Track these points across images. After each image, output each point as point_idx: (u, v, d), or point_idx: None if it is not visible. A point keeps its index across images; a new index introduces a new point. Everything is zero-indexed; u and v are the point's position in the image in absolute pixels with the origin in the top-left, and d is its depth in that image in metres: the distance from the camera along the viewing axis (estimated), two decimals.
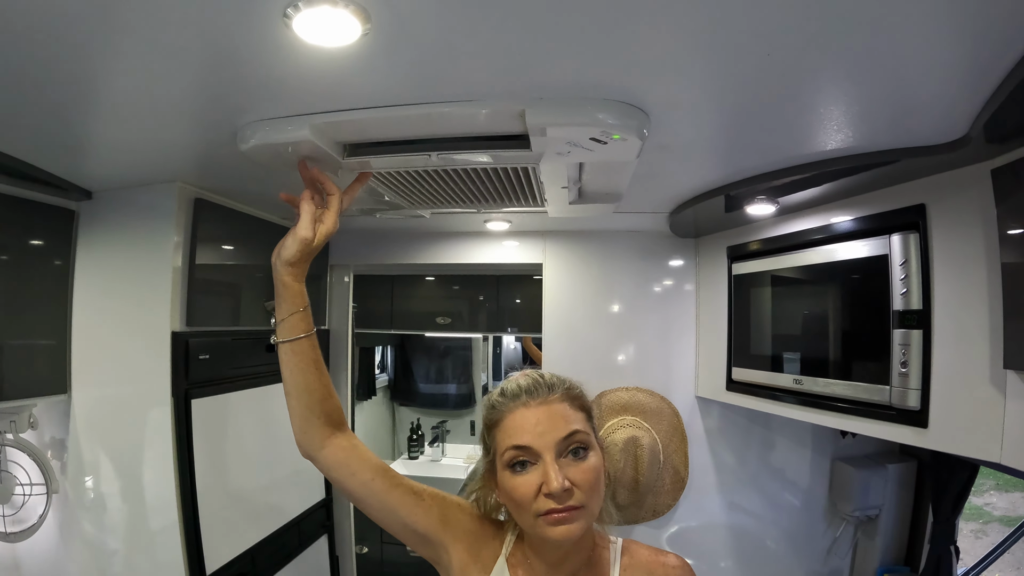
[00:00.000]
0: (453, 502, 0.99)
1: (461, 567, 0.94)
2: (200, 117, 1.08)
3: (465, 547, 0.95)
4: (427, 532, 0.94)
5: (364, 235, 2.37)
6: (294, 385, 0.97)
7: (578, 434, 0.85)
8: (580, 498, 0.82)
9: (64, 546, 1.66)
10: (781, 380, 1.64)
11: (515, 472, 0.85)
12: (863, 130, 1.09)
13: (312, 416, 0.96)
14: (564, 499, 0.81)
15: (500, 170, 1.22)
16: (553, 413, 0.85)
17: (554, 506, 0.81)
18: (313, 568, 2.20)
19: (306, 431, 0.97)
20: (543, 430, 0.84)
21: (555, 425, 0.84)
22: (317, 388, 0.97)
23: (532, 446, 0.83)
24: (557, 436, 0.83)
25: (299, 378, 0.96)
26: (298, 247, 0.96)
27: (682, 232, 2.13)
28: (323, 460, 0.97)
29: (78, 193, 1.56)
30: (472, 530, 0.97)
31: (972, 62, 0.80)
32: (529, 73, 0.88)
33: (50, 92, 0.96)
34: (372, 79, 0.90)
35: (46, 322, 1.56)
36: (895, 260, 1.29)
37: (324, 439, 0.96)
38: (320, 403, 0.97)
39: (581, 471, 0.83)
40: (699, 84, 0.92)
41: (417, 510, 0.94)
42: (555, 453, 0.83)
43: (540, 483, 0.82)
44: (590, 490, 0.83)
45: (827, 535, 2.18)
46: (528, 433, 0.84)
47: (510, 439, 0.85)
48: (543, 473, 0.82)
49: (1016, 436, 1.05)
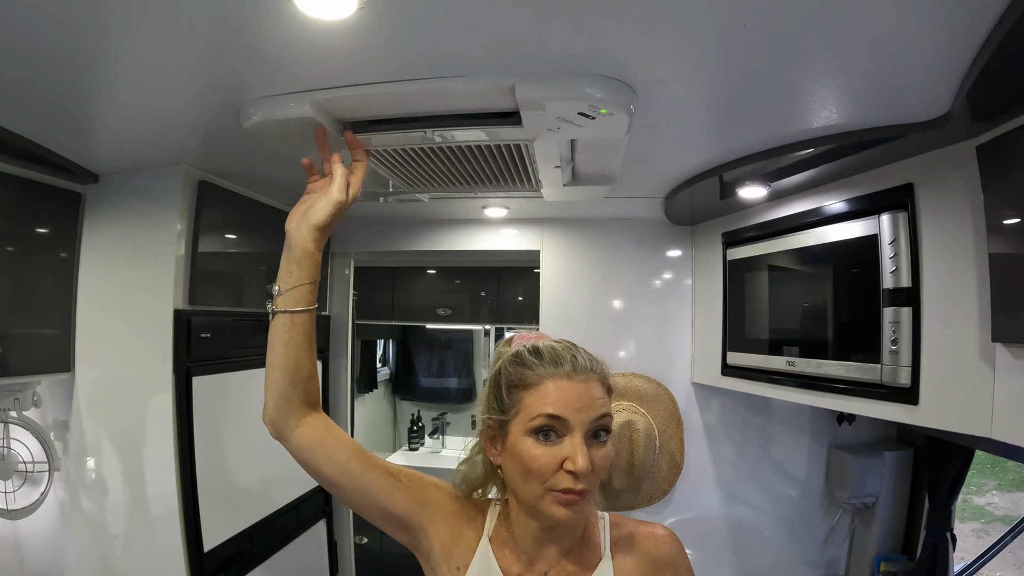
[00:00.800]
0: (430, 482, 0.97)
1: (442, 549, 0.93)
2: (204, 92, 1.11)
3: (446, 528, 0.94)
4: (405, 515, 0.92)
5: (365, 222, 2.41)
6: (283, 358, 0.92)
7: (606, 418, 0.84)
8: (592, 481, 0.82)
9: (64, 524, 1.69)
10: (775, 363, 1.66)
11: (539, 440, 0.83)
12: (847, 106, 1.11)
13: (294, 394, 0.92)
14: (583, 480, 0.80)
15: (495, 149, 1.25)
16: (592, 392, 0.84)
17: (571, 485, 0.80)
18: (311, 552, 2.23)
19: (283, 408, 0.92)
20: (581, 406, 0.82)
21: (592, 404, 0.83)
22: (305, 365, 0.94)
23: (569, 420, 0.82)
24: (592, 415, 0.83)
25: (292, 352, 0.93)
26: (332, 209, 0.95)
27: (677, 219, 2.15)
28: (296, 440, 0.92)
29: (85, 176, 1.60)
30: (452, 510, 0.95)
31: (950, 33, 0.82)
32: (519, 48, 0.90)
33: (59, 69, 0.99)
34: (368, 54, 0.92)
35: (51, 301, 1.59)
36: (885, 239, 1.30)
37: (300, 419, 0.93)
38: (304, 381, 0.94)
39: (601, 455, 0.83)
40: (681, 59, 0.94)
41: (395, 492, 0.92)
42: (584, 433, 0.82)
43: (564, 458, 0.80)
44: (600, 475, 0.84)
45: (824, 524, 2.19)
46: (567, 406, 0.82)
47: (545, 406, 0.83)
48: (571, 449, 0.80)
49: (1006, 410, 1.06)
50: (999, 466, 4.30)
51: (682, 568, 0.93)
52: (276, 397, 0.93)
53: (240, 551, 1.75)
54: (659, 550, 0.92)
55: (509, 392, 0.87)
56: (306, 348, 0.94)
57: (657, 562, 0.92)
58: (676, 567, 0.92)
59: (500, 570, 0.90)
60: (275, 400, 0.93)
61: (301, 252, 0.94)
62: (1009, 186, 1.03)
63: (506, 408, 0.87)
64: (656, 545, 0.93)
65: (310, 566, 2.24)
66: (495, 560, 0.91)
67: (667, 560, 0.92)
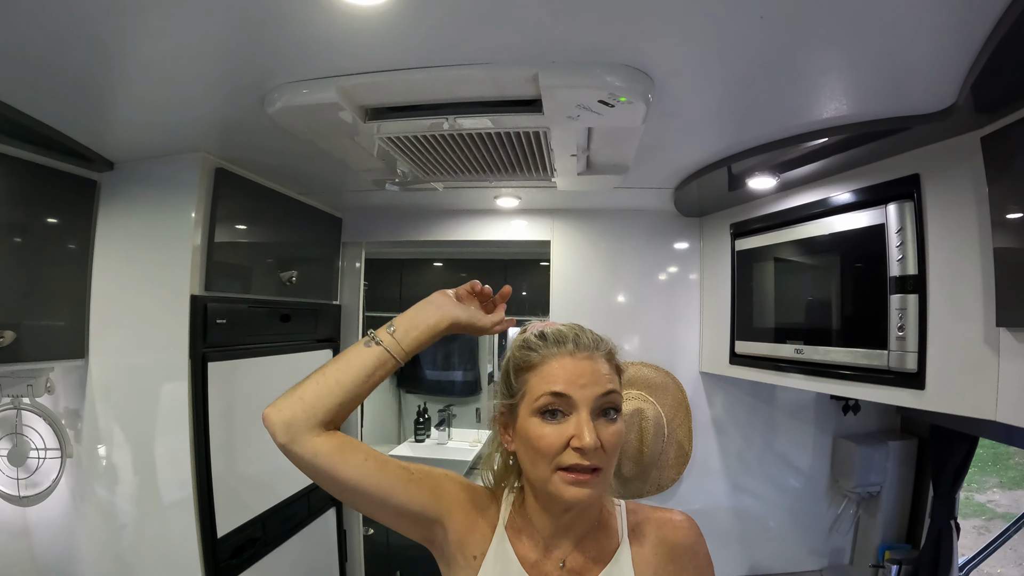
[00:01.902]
0: (441, 474, 0.96)
1: (457, 539, 0.92)
2: (229, 77, 1.12)
3: (460, 518, 0.93)
4: (421, 508, 0.90)
5: (377, 212, 2.43)
6: (349, 381, 0.89)
7: (614, 395, 0.84)
8: (603, 459, 0.82)
9: (76, 511, 1.69)
10: (783, 351, 1.68)
11: (545, 420, 0.83)
12: (856, 97, 1.14)
13: (329, 414, 0.88)
14: (591, 457, 0.80)
15: (513, 136, 1.28)
16: (596, 368, 0.84)
17: (579, 461, 0.80)
18: (321, 540, 2.24)
19: (314, 419, 0.87)
20: (585, 383, 0.82)
21: (597, 380, 0.83)
22: (357, 400, 0.91)
23: (572, 396, 0.82)
24: (597, 391, 0.82)
25: (360, 384, 0.89)
26: (475, 331, 0.97)
27: (687, 211, 2.18)
28: (314, 446, 0.86)
29: (101, 164, 1.61)
30: (464, 500, 0.95)
31: (955, 25, 0.85)
32: (543, 37, 0.93)
33: (80, 51, 1.00)
34: (396, 41, 0.95)
35: (65, 287, 1.60)
36: (891, 228, 1.33)
37: (321, 432, 0.88)
38: (345, 409, 0.90)
39: (610, 433, 0.82)
40: (698, 49, 0.97)
41: (410, 486, 0.90)
42: (591, 409, 0.82)
43: (571, 435, 0.80)
44: (611, 454, 0.83)
45: (829, 513, 2.22)
46: (570, 383, 0.82)
47: (549, 385, 0.83)
48: (576, 426, 0.81)
49: (1010, 393, 1.08)
50: (1000, 464, 4.33)
51: (700, 554, 0.92)
52: (314, 408, 0.87)
53: (253, 537, 1.76)
54: (677, 536, 0.92)
55: (516, 376, 0.89)
56: (368, 387, 0.91)
57: (675, 548, 0.91)
58: (694, 553, 0.92)
59: (517, 558, 0.90)
60: (311, 410, 0.87)
61: (432, 327, 0.93)
62: (1012, 176, 1.06)
63: (514, 392, 0.88)
64: (674, 531, 0.92)
65: (320, 554, 2.25)
66: (511, 548, 0.91)
67: (685, 546, 0.91)
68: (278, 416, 0.87)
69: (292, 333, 2.05)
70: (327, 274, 2.34)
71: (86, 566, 1.68)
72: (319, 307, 2.25)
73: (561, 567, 0.90)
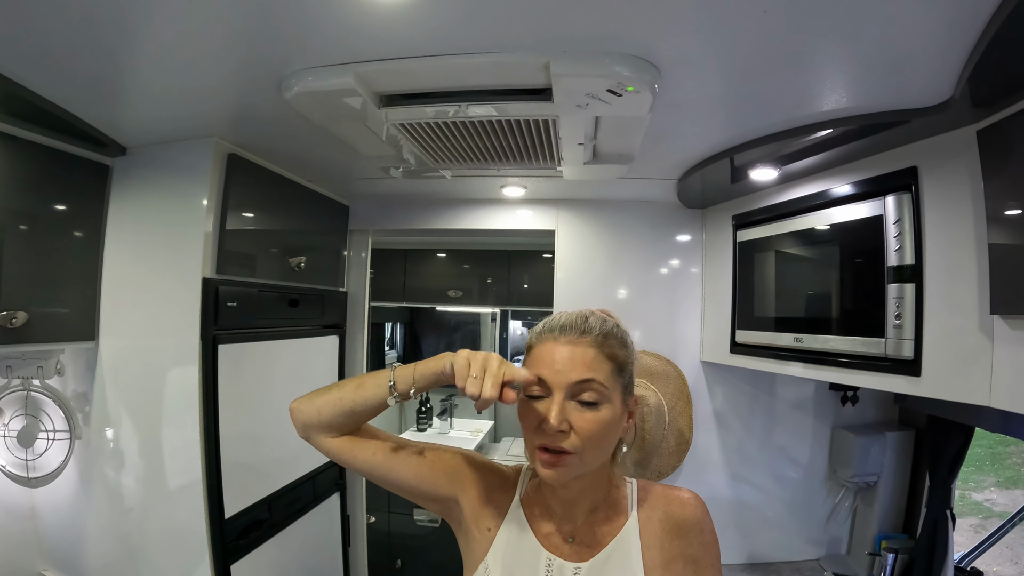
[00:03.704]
0: (455, 452, 1.03)
1: (472, 514, 0.98)
2: (246, 62, 1.14)
3: (474, 494, 0.99)
4: (434, 488, 0.98)
5: (384, 200, 2.46)
6: (362, 408, 0.96)
7: (592, 383, 0.85)
8: (575, 443, 0.84)
9: (84, 492, 1.72)
10: (783, 339, 1.71)
11: (530, 400, 0.88)
12: (856, 90, 1.17)
13: (342, 428, 0.98)
14: (556, 439, 0.84)
15: (522, 124, 1.31)
16: (576, 355, 0.86)
17: (544, 441, 0.85)
18: (325, 523, 2.27)
19: (325, 428, 0.97)
20: (560, 368, 0.86)
21: (574, 367, 0.86)
22: (366, 420, 0.99)
23: (547, 380, 0.86)
24: (571, 378, 0.85)
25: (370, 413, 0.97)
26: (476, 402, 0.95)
27: (689, 202, 2.20)
28: (326, 445, 0.99)
29: (114, 148, 1.64)
30: (479, 477, 1.01)
31: (951, 19, 0.88)
32: (555, 26, 0.96)
33: (97, 32, 1.02)
34: (414, 27, 0.98)
35: (77, 270, 1.63)
36: (889, 219, 1.35)
37: (334, 435, 0.99)
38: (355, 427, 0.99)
39: (585, 419, 0.85)
40: (704, 41, 1.01)
41: (422, 468, 0.98)
42: (566, 393, 0.85)
43: (543, 417, 0.85)
44: (589, 440, 0.85)
45: (827, 502, 2.25)
46: (547, 367, 0.87)
47: (532, 368, 0.88)
48: (546, 406, 0.85)
49: (1004, 379, 1.10)
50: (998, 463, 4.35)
51: (706, 531, 0.94)
52: (329, 422, 0.97)
53: (259, 519, 1.79)
54: (684, 513, 0.94)
55: (524, 358, 0.95)
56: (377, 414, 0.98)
57: (682, 524, 0.93)
58: (700, 529, 0.93)
59: (531, 529, 0.96)
60: (325, 421, 0.97)
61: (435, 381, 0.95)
62: (1007, 168, 1.09)
63: None
64: (682, 508, 0.95)
65: (324, 538, 2.28)
66: (526, 520, 0.97)
67: (692, 522, 0.93)
68: (298, 416, 0.99)
69: (300, 318, 2.08)
70: (334, 261, 2.37)
71: (93, 547, 1.71)
72: (326, 293, 2.28)
73: (571, 540, 0.94)
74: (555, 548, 0.94)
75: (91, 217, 1.66)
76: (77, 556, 1.73)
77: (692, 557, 0.92)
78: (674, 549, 0.92)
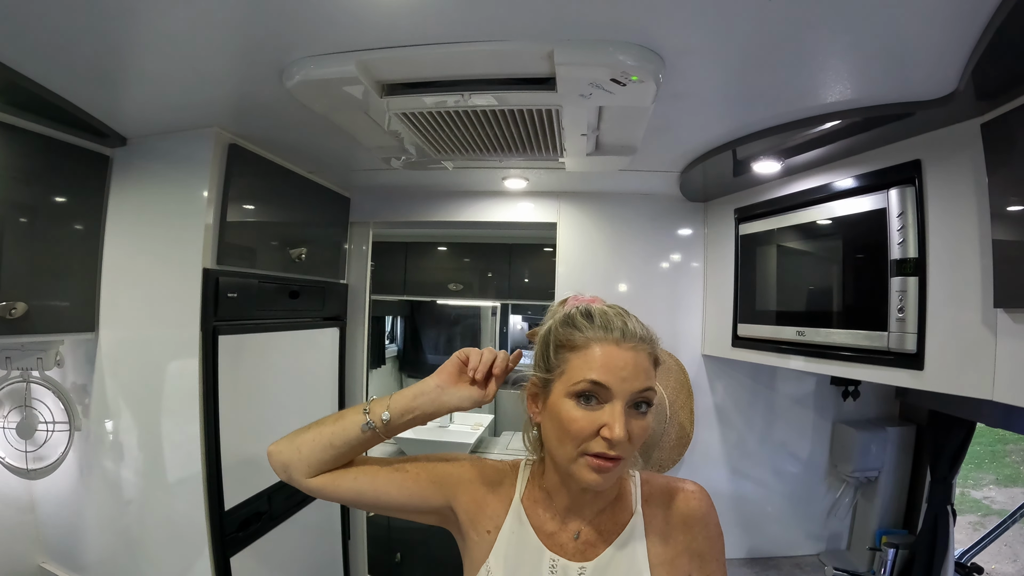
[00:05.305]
0: (439, 460, 1.00)
1: (468, 518, 0.96)
2: (249, 52, 1.14)
3: (467, 498, 0.97)
4: (423, 501, 0.96)
5: (385, 192, 2.45)
6: (342, 444, 0.94)
7: (649, 391, 0.84)
8: (627, 450, 0.82)
9: (83, 484, 1.71)
10: (785, 333, 1.70)
11: (579, 404, 0.83)
12: (860, 82, 1.16)
13: (322, 466, 0.94)
14: (617, 448, 0.81)
15: (525, 114, 1.30)
16: (639, 362, 0.83)
17: (606, 451, 0.81)
18: (325, 517, 2.27)
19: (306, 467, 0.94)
20: (627, 375, 0.82)
21: (637, 375, 0.82)
22: (348, 458, 0.97)
23: (612, 387, 0.81)
24: (636, 386, 0.82)
25: (351, 451, 0.95)
26: (473, 406, 0.96)
27: (692, 195, 2.20)
28: (308, 484, 0.95)
29: (115, 139, 1.63)
30: (470, 479, 0.98)
31: (956, 12, 0.87)
32: (559, 14, 0.96)
33: (97, 20, 1.01)
34: (417, 15, 0.97)
35: (76, 261, 1.62)
36: (893, 212, 1.35)
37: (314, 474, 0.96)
38: (337, 464, 0.96)
39: (639, 426, 0.83)
40: (708, 30, 1.00)
41: (407, 483, 0.95)
42: (626, 402, 0.82)
43: (602, 424, 0.81)
44: (636, 445, 0.84)
45: (827, 497, 2.25)
46: (612, 374, 0.82)
47: (590, 371, 0.82)
48: (609, 416, 0.81)
49: (1006, 372, 1.10)
50: (997, 461, 4.35)
51: (711, 524, 0.92)
52: (308, 460, 0.94)
53: (259, 511, 1.79)
54: (689, 506, 0.93)
55: (556, 352, 0.88)
56: (360, 452, 0.97)
57: (687, 518, 0.92)
58: (705, 523, 0.92)
59: (532, 529, 0.93)
60: (305, 460, 0.94)
61: (427, 415, 0.96)
62: (1011, 161, 1.08)
63: (551, 368, 0.88)
64: (686, 501, 0.93)
65: (324, 531, 2.28)
66: (527, 520, 0.94)
67: (697, 516, 0.92)
68: (277, 457, 0.96)
69: (300, 310, 2.07)
70: (335, 253, 2.36)
71: (92, 539, 1.70)
72: (327, 285, 2.28)
73: (576, 538, 0.92)
74: (558, 548, 0.91)
75: (91, 208, 1.65)
76: (76, 548, 1.73)
77: (697, 551, 0.91)
78: (679, 544, 0.91)
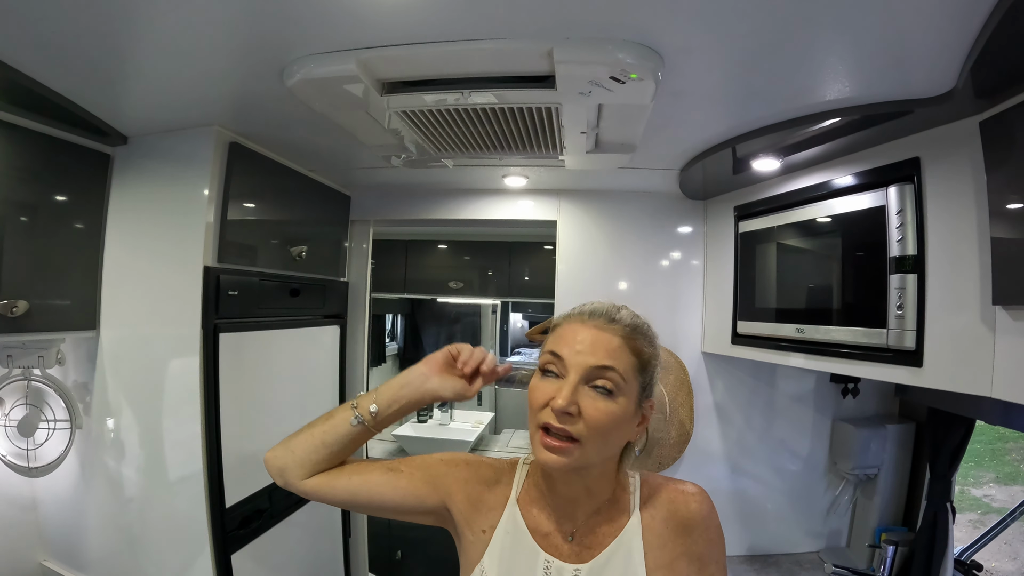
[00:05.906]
0: (435, 460, 1.00)
1: (463, 518, 0.96)
2: (249, 50, 1.14)
3: (462, 497, 0.96)
4: (418, 501, 0.96)
5: (385, 190, 2.45)
6: (334, 442, 0.96)
7: (610, 372, 0.82)
8: (580, 431, 0.81)
9: (84, 482, 1.72)
10: (784, 330, 1.71)
11: (541, 376, 0.85)
12: (859, 79, 1.16)
13: (316, 466, 0.96)
14: (563, 420, 0.80)
15: (525, 112, 1.30)
16: (601, 340, 0.84)
17: (551, 421, 0.81)
18: (325, 514, 2.28)
19: (301, 469, 0.96)
20: (581, 349, 0.83)
21: (595, 351, 0.83)
22: (342, 456, 0.98)
23: (565, 359, 0.83)
24: (591, 361, 0.82)
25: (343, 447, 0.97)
26: (455, 398, 0.99)
27: (691, 193, 2.20)
28: (303, 486, 0.97)
29: (115, 137, 1.64)
30: (466, 479, 0.98)
31: (954, 10, 0.88)
32: (559, 12, 0.96)
33: (97, 19, 1.01)
34: (418, 14, 0.97)
35: (77, 259, 1.63)
36: (892, 210, 1.35)
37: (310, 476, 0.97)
38: (331, 463, 0.98)
39: (596, 407, 0.81)
40: (707, 28, 1.00)
41: (400, 483, 0.96)
42: (581, 377, 0.82)
43: (553, 396, 0.82)
44: (595, 430, 0.81)
45: (827, 495, 2.25)
46: (568, 346, 0.84)
47: (552, 345, 0.86)
48: (558, 387, 0.82)
49: (1005, 369, 1.10)
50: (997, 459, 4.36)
51: (712, 527, 0.91)
52: (302, 461, 0.96)
53: (260, 509, 1.79)
54: (689, 508, 0.91)
55: (548, 337, 0.92)
56: (353, 449, 0.99)
57: (687, 520, 0.90)
58: (705, 526, 0.90)
59: (528, 530, 0.92)
60: (299, 461, 0.96)
61: (414, 403, 0.98)
62: (1010, 159, 1.08)
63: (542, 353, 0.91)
64: (686, 503, 0.91)
65: (325, 528, 2.29)
66: (522, 520, 0.93)
67: (697, 519, 0.90)
68: (274, 463, 0.98)
69: (301, 308, 2.08)
70: (335, 251, 2.37)
71: (94, 537, 1.71)
72: (327, 283, 2.28)
73: (570, 540, 0.91)
74: (553, 549, 0.91)
75: (92, 206, 1.66)
76: (78, 546, 1.74)
77: (696, 555, 0.89)
78: (678, 548, 0.89)
